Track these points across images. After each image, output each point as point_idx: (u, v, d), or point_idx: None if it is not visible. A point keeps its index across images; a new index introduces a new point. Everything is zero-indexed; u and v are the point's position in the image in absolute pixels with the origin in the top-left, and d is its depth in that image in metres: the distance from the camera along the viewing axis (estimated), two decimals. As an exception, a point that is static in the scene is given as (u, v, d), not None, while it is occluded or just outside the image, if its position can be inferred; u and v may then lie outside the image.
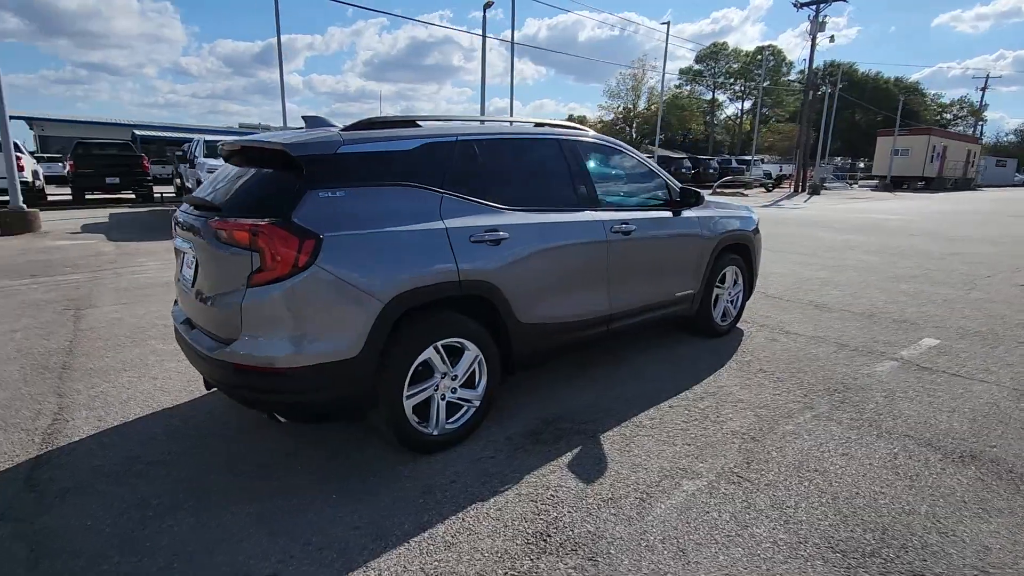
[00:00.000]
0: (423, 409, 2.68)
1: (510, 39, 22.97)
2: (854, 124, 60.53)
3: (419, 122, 2.87)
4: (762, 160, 39.36)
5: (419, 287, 2.49)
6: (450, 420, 2.78)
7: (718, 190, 26.12)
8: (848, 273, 7.12)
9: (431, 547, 2.08)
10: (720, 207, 4.41)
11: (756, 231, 4.67)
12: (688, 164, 31.31)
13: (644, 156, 3.89)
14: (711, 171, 31.33)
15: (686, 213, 3.96)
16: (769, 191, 28.90)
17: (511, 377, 3.16)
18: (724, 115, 66.77)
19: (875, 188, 35.38)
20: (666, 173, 4.01)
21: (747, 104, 61.86)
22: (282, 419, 2.45)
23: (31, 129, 35.83)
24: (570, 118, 72.10)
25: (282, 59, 21.31)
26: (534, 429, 2.97)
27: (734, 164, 34.95)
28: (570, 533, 2.15)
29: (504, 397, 3.30)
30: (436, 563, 2.00)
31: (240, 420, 3.05)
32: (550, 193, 3.22)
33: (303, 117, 2.88)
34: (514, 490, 2.43)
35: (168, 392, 3.44)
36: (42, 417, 3.14)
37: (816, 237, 10.79)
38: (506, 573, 1.95)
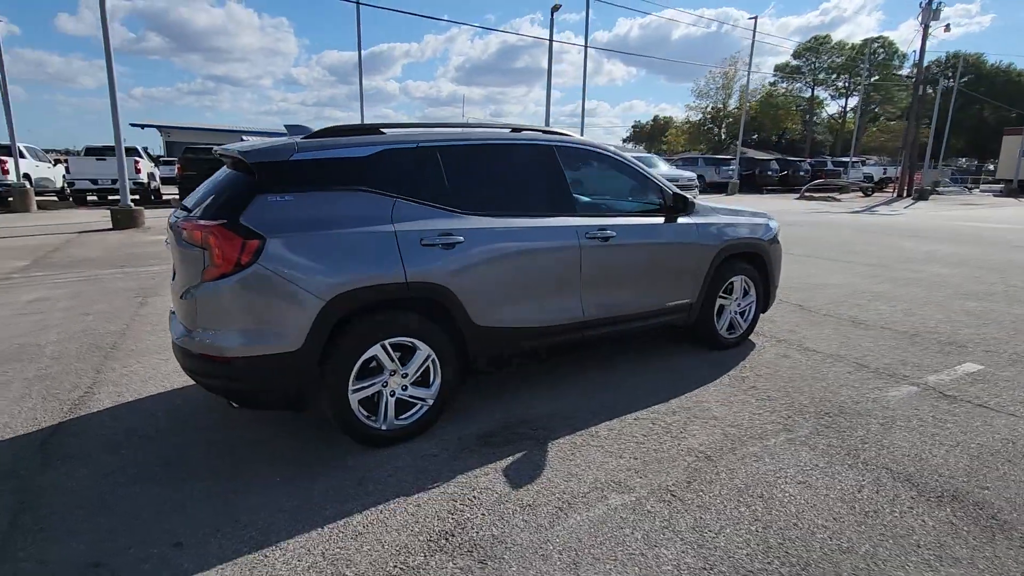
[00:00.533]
0: (373, 404, 2.81)
1: (584, 43, 22.81)
2: (982, 121, 54.06)
3: (384, 130, 3.00)
4: (862, 162, 36.24)
5: (362, 287, 2.63)
6: (401, 416, 2.89)
7: (806, 194, 24.42)
8: (912, 288, 6.47)
9: (340, 534, 2.20)
10: (729, 214, 4.20)
11: (773, 240, 4.40)
12: (775, 166, 29.47)
13: (636, 161, 3.79)
14: (801, 173, 29.26)
15: (683, 220, 3.82)
16: (867, 195, 26.60)
17: (469, 378, 3.22)
18: (826, 113, 62.10)
19: (997, 194, 31.47)
20: (662, 179, 3.89)
21: (852, 101, 57.18)
22: (235, 405, 2.67)
23: (161, 135, 40.23)
24: (656, 120, 70.24)
25: (362, 70, 22.57)
26: (489, 431, 3.02)
27: (829, 166, 32.47)
28: (474, 535, 2.19)
29: (470, 398, 3.37)
30: (337, 550, 2.11)
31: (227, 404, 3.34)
32: (519, 198, 3.24)
33: (285, 126, 3.11)
34: (441, 489, 2.50)
35: (182, 375, 3.81)
36: (77, 390, 3.60)
37: (897, 247, 9.85)
38: (396, 566, 2.03)
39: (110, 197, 17.33)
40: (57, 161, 19.98)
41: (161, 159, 30.36)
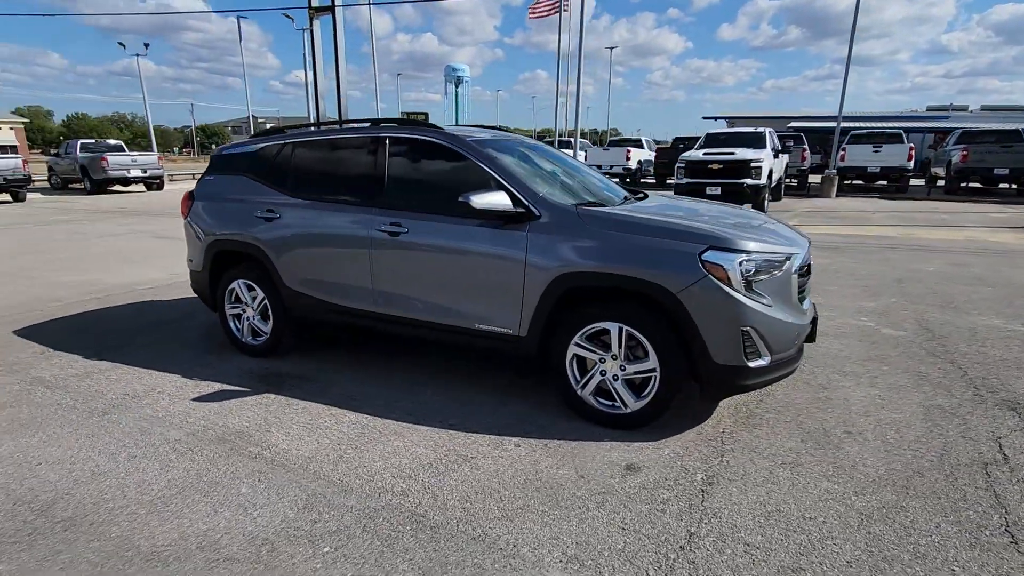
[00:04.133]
0: (240, 322, 4.09)
1: None
2: None
3: (287, 130, 4.00)
4: None
5: (224, 239, 3.94)
6: (255, 338, 4.04)
7: None
8: None
9: (149, 380, 3.75)
10: (633, 228, 2.76)
11: (703, 283, 2.54)
12: None
13: (486, 161, 3.11)
14: None
15: (520, 230, 2.95)
16: None
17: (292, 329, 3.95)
18: None
19: None
20: (519, 178, 3.04)
21: None
22: (202, 300, 4.50)
23: (727, 126, 44.36)
24: None
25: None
26: (275, 373, 3.73)
27: None
28: (127, 403, 3.30)
29: (315, 350, 4.07)
30: (131, 383, 3.67)
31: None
32: (337, 186, 3.59)
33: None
34: (187, 380, 3.60)
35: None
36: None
37: None
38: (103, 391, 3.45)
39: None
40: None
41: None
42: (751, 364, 2.62)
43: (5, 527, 2.20)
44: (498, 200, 2.90)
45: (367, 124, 3.73)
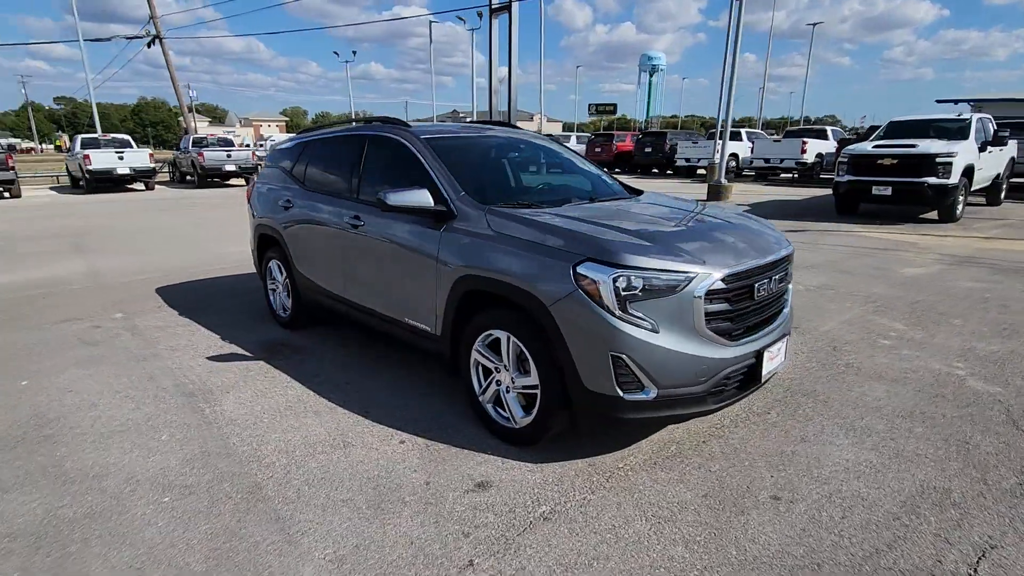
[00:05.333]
0: (273, 295, 4.70)
1: None
2: None
3: (314, 127, 4.42)
4: None
5: (262, 223, 4.54)
6: (283, 312, 4.61)
7: None
8: None
9: (202, 338, 4.57)
10: (544, 232, 2.56)
11: (575, 294, 2.26)
12: None
13: (426, 157, 3.12)
14: None
15: (438, 228, 2.94)
16: None
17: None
18: None
19: None
20: (450, 177, 3.00)
21: None
22: (263, 274, 5.23)
23: (970, 109, 36.15)
24: None
25: None
26: (281, 342, 4.23)
27: None
28: (170, 364, 4.06)
29: (334, 331, 4.46)
30: (189, 335, 4.52)
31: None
32: (330, 180, 3.88)
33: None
34: (222, 343, 4.29)
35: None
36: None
37: None
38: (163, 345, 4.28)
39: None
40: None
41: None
42: (626, 396, 2.27)
43: (9, 433, 2.93)
44: (417, 198, 2.91)
45: (362, 123, 4.00)
